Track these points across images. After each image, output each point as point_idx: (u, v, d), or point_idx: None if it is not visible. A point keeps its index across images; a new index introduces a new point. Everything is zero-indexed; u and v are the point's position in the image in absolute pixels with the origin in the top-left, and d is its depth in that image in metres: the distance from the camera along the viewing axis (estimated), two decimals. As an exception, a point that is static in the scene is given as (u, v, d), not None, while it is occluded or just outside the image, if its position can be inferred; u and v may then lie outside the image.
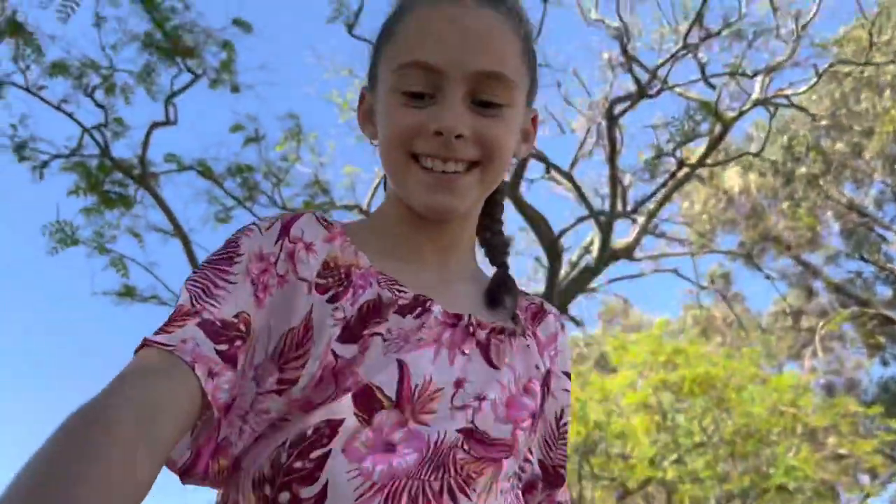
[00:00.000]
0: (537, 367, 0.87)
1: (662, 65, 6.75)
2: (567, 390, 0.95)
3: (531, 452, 0.91)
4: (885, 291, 13.05)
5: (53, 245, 6.44)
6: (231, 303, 0.75)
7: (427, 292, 0.83)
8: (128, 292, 6.83)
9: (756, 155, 6.67)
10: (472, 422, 0.78)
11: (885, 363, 14.18)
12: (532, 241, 10.03)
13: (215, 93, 6.98)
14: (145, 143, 6.64)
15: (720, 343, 12.46)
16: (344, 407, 0.74)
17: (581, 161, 8.31)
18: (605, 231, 7.44)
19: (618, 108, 7.08)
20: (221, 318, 0.74)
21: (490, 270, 0.96)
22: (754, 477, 10.84)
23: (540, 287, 8.02)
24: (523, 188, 7.46)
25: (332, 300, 0.78)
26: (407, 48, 0.82)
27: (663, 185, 6.57)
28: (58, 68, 6.18)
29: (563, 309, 7.95)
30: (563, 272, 7.75)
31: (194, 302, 0.74)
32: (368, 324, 0.78)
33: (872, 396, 13.76)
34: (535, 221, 7.21)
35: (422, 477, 0.74)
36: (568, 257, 8.22)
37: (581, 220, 7.50)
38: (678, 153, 6.44)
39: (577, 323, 8.67)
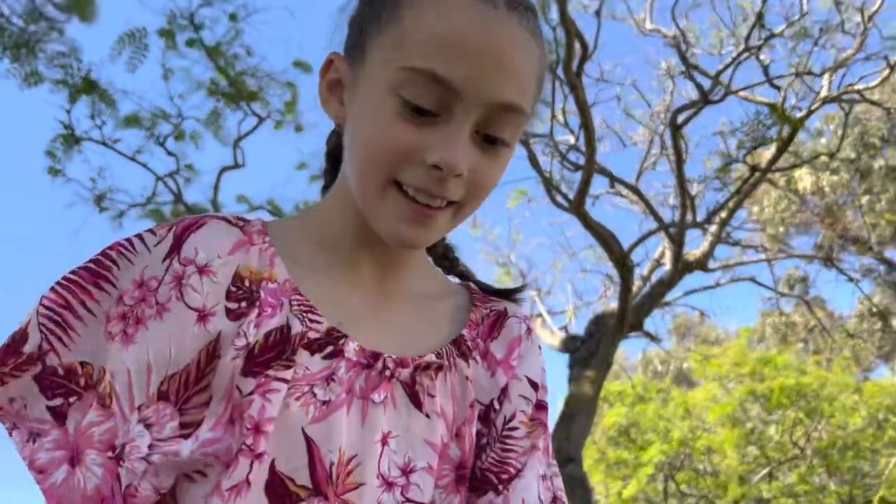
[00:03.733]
0: (473, 405, 0.77)
1: (725, 69, 6.61)
2: (523, 396, 0.80)
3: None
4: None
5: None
6: (84, 343, 0.68)
7: (349, 320, 0.73)
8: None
9: (832, 155, 6.43)
10: (404, 495, 0.70)
11: None
12: (599, 258, 9.88)
13: (280, 133, 7.18)
14: (216, 187, 6.84)
15: (802, 349, 11.97)
16: (260, 500, 0.64)
17: (645, 173, 8.19)
18: (677, 243, 7.27)
19: (681, 117, 6.95)
20: (66, 363, 0.68)
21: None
22: (854, 489, 10.31)
23: (613, 304, 7.87)
24: (588, 205, 7.37)
25: (236, 319, 0.68)
26: (422, 48, 0.66)
27: (736, 192, 6.38)
28: (131, 121, 6.43)
29: (638, 326, 7.78)
30: (635, 287, 7.60)
31: (42, 342, 0.68)
32: (272, 361, 0.67)
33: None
34: (604, 238, 7.09)
35: None
36: (639, 272, 8.05)
37: (651, 233, 7.35)
38: (748, 159, 6.26)
39: (654, 339, 8.45)
